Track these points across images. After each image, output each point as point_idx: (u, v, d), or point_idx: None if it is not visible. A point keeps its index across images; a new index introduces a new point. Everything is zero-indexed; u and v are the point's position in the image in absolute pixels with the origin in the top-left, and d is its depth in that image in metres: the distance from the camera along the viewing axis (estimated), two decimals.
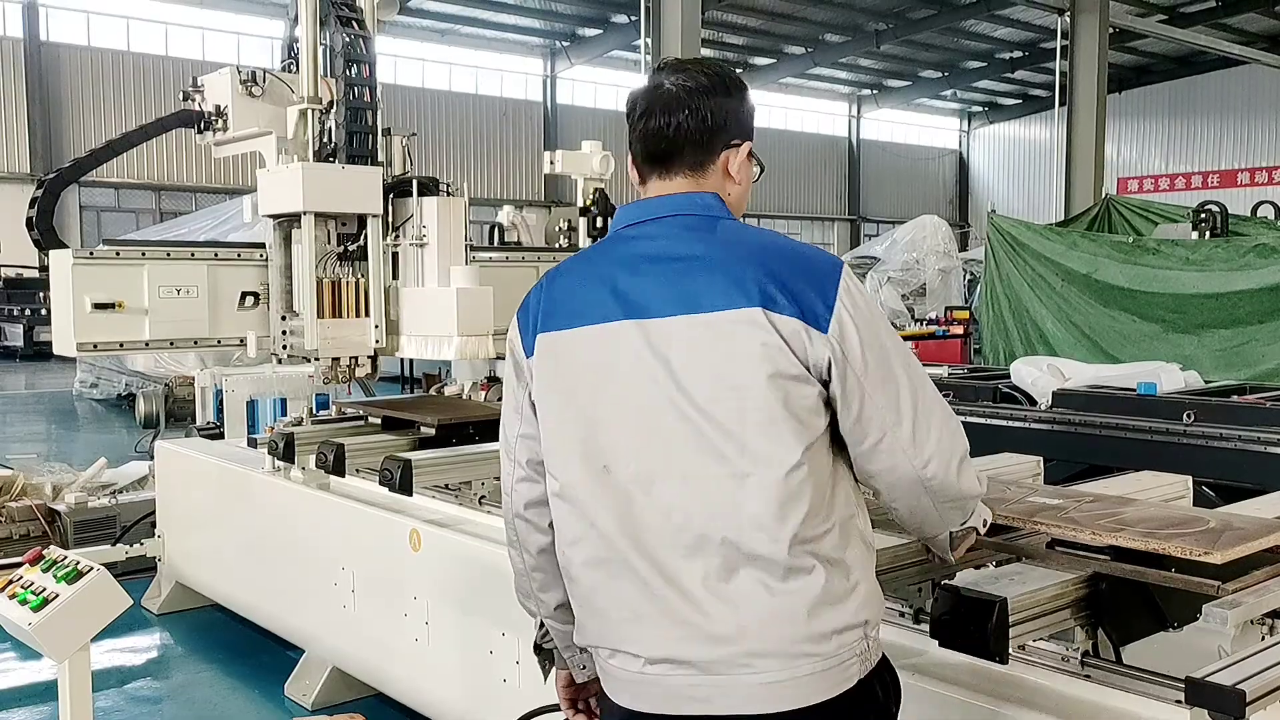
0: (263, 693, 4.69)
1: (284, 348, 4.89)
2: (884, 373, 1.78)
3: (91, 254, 4.65)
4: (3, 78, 25.26)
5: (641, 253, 1.85)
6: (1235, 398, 5.73)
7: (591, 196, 6.37)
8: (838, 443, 1.82)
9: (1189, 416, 5.30)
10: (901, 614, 2.58)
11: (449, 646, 3.80)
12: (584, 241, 6.41)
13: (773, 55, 33.13)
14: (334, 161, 4.78)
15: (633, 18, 25.08)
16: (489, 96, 31.51)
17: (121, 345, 4.78)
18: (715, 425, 1.73)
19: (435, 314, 4.72)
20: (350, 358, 4.84)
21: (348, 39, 4.78)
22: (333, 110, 4.82)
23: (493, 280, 4.81)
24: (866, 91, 38.24)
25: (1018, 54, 32.87)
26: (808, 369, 1.74)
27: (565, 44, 31.69)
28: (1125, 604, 2.38)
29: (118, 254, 4.71)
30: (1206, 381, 6.51)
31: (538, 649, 2.10)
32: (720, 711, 1.73)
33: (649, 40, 14.52)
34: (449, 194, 4.89)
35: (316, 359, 4.79)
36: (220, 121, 5.00)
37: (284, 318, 4.92)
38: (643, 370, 1.78)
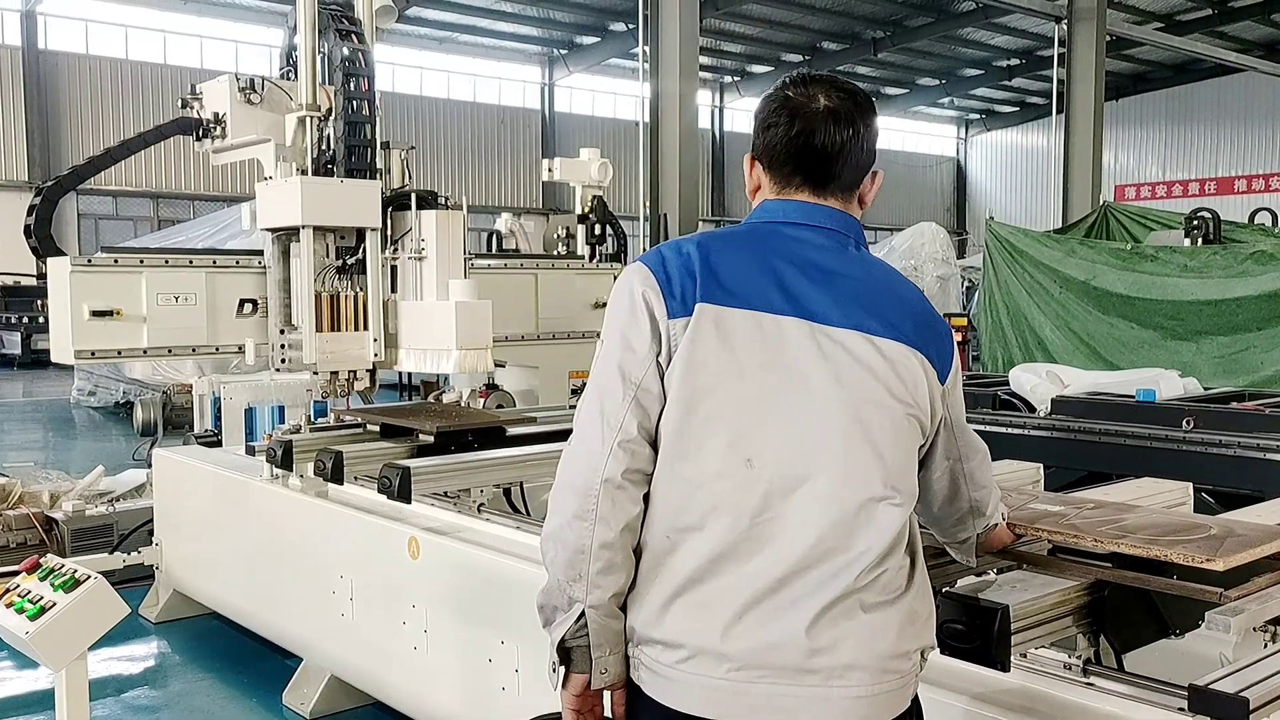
0: (261, 701, 4.67)
1: (282, 361, 4.87)
2: (963, 421, 1.99)
3: (90, 261, 4.65)
4: (1, 85, 25.27)
5: (808, 257, 1.84)
6: (1234, 404, 5.73)
7: (590, 204, 6.38)
8: None
9: (1188, 423, 5.30)
10: None
11: (448, 655, 3.78)
12: (582, 249, 6.42)
13: (770, 64, 33.18)
14: (332, 171, 4.78)
15: (630, 26, 25.13)
16: (487, 104, 31.55)
17: (120, 353, 4.78)
18: (869, 446, 1.76)
19: (434, 327, 4.70)
20: (349, 371, 4.83)
21: (346, 53, 4.78)
22: (331, 118, 4.82)
23: (491, 287, 4.81)
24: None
25: (1015, 62, 32.96)
26: (931, 416, 1.86)
27: (563, 52, 31.73)
28: (1127, 611, 2.37)
29: (116, 261, 4.71)
30: (1205, 388, 6.51)
31: (563, 646, 1.81)
32: None
33: (647, 48, 14.53)
34: (448, 207, 4.87)
35: (315, 373, 4.78)
36: (219, 129, 4.99)
37: (282, 331, 4.91)
38: (809, 371, 1.76)
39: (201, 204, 25.93)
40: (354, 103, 4.78)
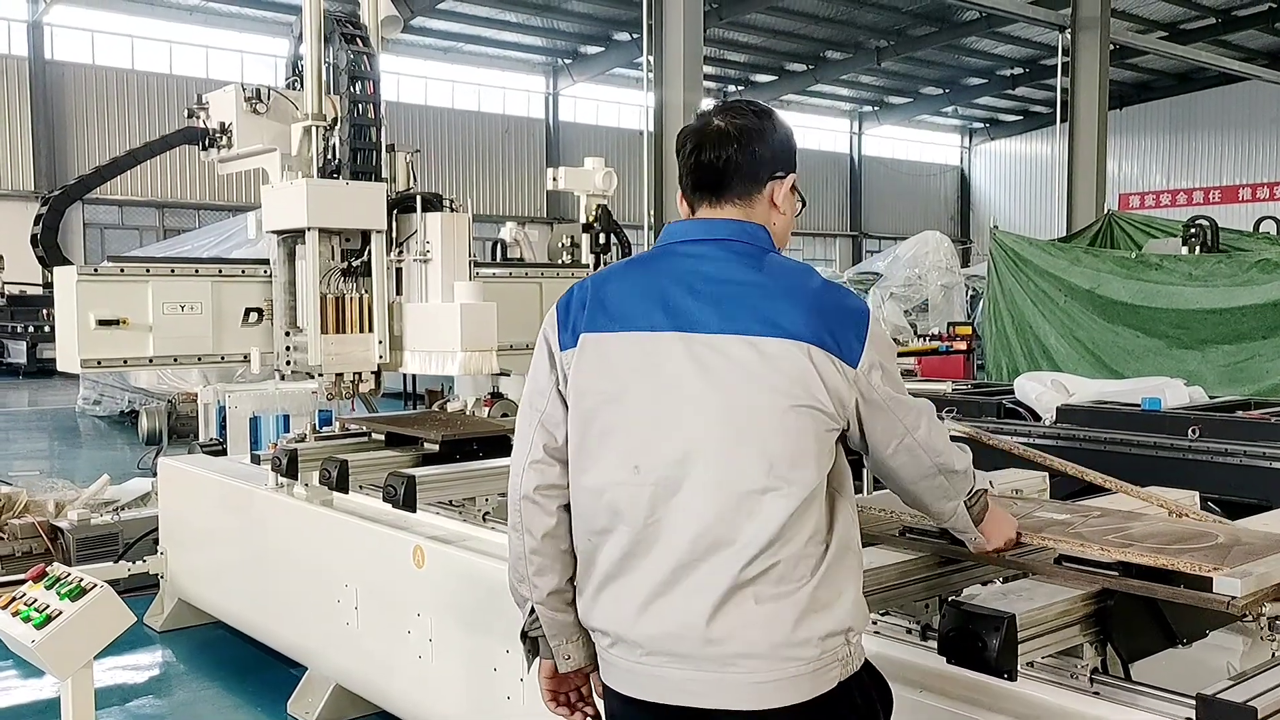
0: (265, 710, 4.67)
1: (287, 363, 4.88)
2: (898, 395, 2.00)
3: (96, 271, 4.66)
4: (8, 96, 25.37)
5: (698, 270, 1.98)
6: (1240, 413, 5.72)
7: (594, 213, 6.38)
8: (838, 469, 1.99)
9: (1194, 432, 5.29)
10: (909, 630, 2.57)
11: (452, 664, 3.78)
12: (586, 258, 6.42)
13: (774, 72, 33.24)
14: (338, 178, 4.78)
15: (635, 35, 25.21)
16: (491, 114, 31.61)
17: (125, 362, 4.78)
18: (748, 442, 1.87)
19: (439, 329, 4.71)
20: (354, 373, 4.84)
21: (352, 55, 4.79)
22: (337, 127, 4.83)
23: (496, 296, 4.80)
24: (868, 108, 38.35)
25: (1019, 71, 32.98)
26: (836, 404, 1.91)
27: (567, 61, 31.81)
28: (1133, 621, 2.37)
29: (122, 270, 4.72)
30: (1211, 397, 6.50)
31: (524, 636, 2.14)
32: (709, 706, 1.86)
33: (651, 58, 14.56)
34: (453, 210, 4.89)
35: (320, 374, 4.79)
36: (225, 139, 5.03)
37: (288, 333, 4.91)
38: (685, 380, 1.91)
39: (207, 213, 26.00)
40: (359, 106, 4.78)
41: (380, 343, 4.83)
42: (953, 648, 2.20)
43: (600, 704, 2.11)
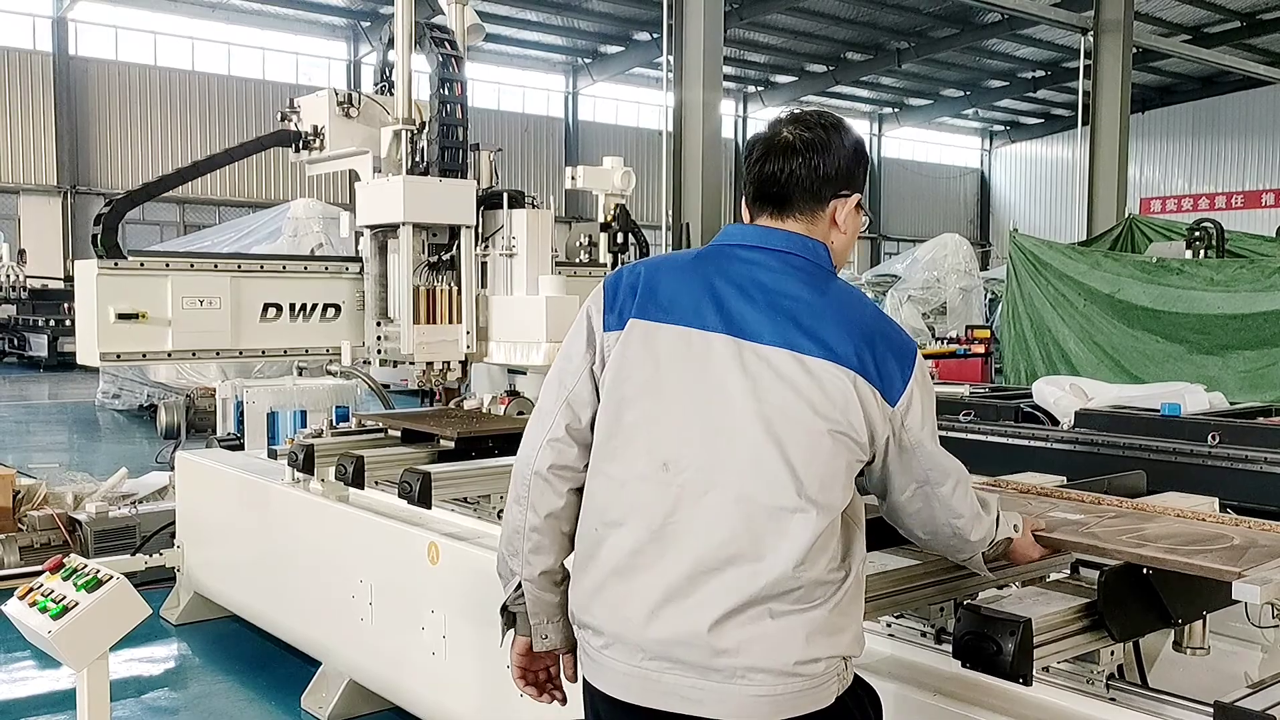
0: (279, 705, 4.68)
1: (379, 353, 5.11)
2: (929, 445, 1.98)
3: (116, 264, 4.68)
4: (32, 91, 25.58)
5: (754, 278, 1.94)
6: (1261, 419, 5.67)
7: (612, 212, 6.38)
8: (856, 502, 1.96)
9: (1214, 438, 5.24)
10: (923, 634, 2.55)
11: (466, 660, 3.78)
12: (604, 257, 6.42)
13: (794, 73, 33.18)
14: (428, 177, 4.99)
15: (655, 35, 25.20)
16: (511, 112, 31.69)
17: (144, 355, 4.81)
18: (782, 459, 1.83)
19: (524, 321, 4.93)
20: (443, 362, 5.06)
21: (441, 59, 5.02)
22: (424, 130, 5.04)
23: None
24: (888, 110, 38.24)
25: (1040, 73, 32.82)
26: (869, 438, 1.89)
27: (587, 61, 31.84)
28: (1125, 599, 2.31)
29: (142, 264, 4.74)
30: (1231, 403, 6.45)
31: (504, 610, 2.11)
32: (710, 715, 1.83)
33: (671, 58, 14.55)
34: (535, 207, 5.10)
35: (411, 363, 5.02)
36: (317, 141, 5.18)
37: (379, 324, 5.13)
38: (729, 385, 1.87)
39: (227, 209, 26.13)
40: (448, 106, 5.01)
41: (468, 333, 5.04)
42: (967, 651, 2.18)
43: (568, 689, 2.11)
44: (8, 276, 20.33)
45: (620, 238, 6.38)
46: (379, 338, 5.11)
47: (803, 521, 1.82)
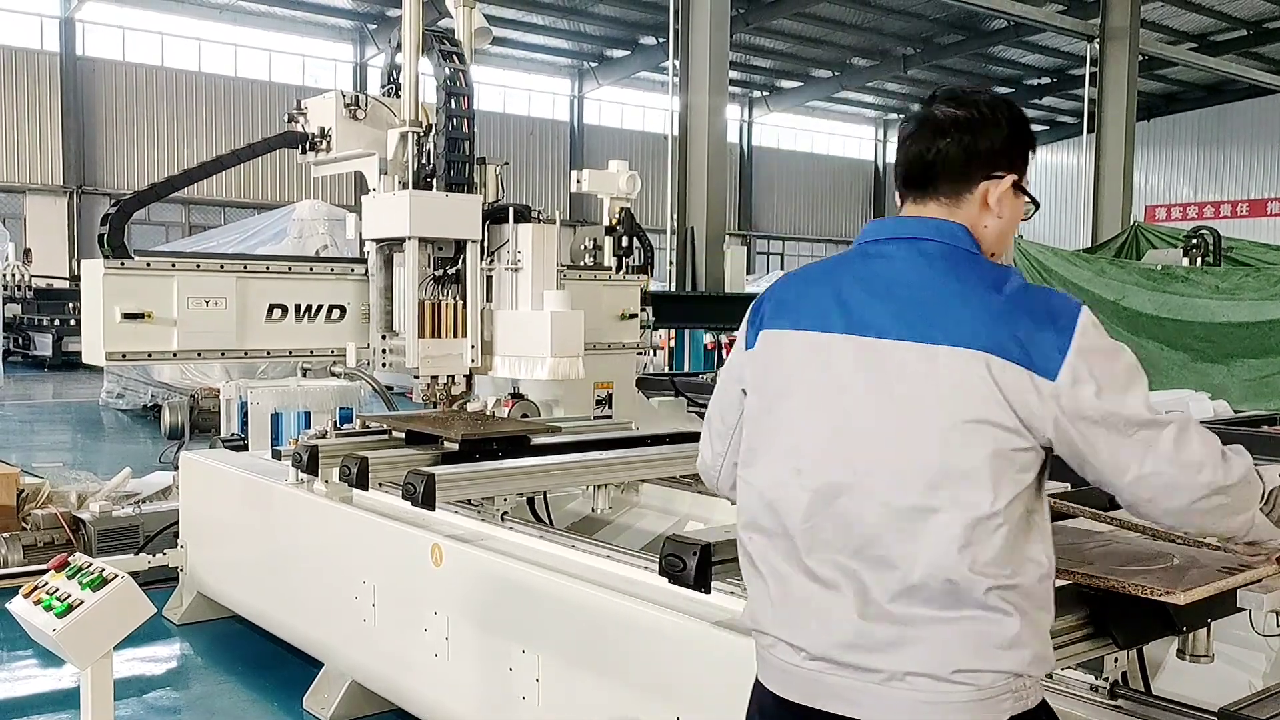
0: (281, 705, 4.69)
1: (384, 365, 5.14)
2: (1120, 410, 1.74)
3: (122, 264, 4.69)
4: (39, 91, 25.65)
5: (881, 272, 1.87)
6: (1265, 428, 5.67)
7: (617, 216, 6.38)
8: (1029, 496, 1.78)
9: None
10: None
11: (469, 662, 3.79)
12: (609, 260, 6.42)
13: (800, 79, 33.21)
14: (432, 184, 5.01)
15: (661, 40, 25.24)
16: (516, 115, 31.73)
17: (149, 355, 4.82)
18: (912, 456, 1.75)
19: (529, 336, 4.95)
20: (448, 375, 5.09)
21: (449, 72, 5.02)
22: (431, 133, 5.04)
23: None
24: (893, 115, 38.25)
25: (1046, 80, 32.83)
26: (1023, 422, 1.73)
27: (593, 65, 31.88)
28: (1130, 607, 2.29)
29: (148, 264, 4.75)
30: (1236, 411, 6.44)
31: None
32: (867, 717, 1.77)
33: (677, 62, 14.57)
34: (541, 221, 5.10)
35: (416, 376, 5.05)
36: (324, 143, 5.20)
37: (384, 336, 5.14)
38: (854, 385, 1.82)
39: (232, 210, 26.18)
40: (454, 119, 5.02)
41: (473, 347, 5.05)
42: None
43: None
44: (13, 276, 20.38)
45: (625, 241, 6.39)
46: (384, 350, 5.13)
47: (943, 521, 1.72)
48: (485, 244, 5.11)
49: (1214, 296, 9.47)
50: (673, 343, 15.12)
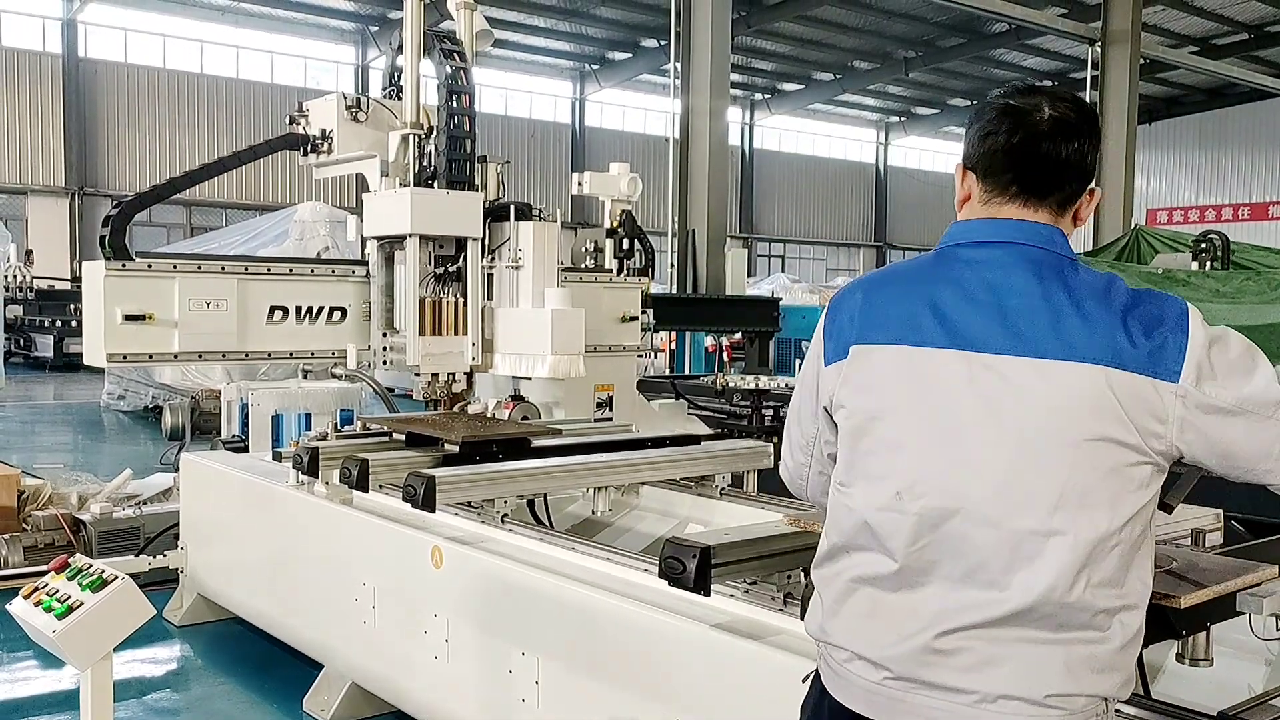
0: (281, 707, 4.69)
1: (385, 363, 5.15)
2: (1250, 393, 1.69)
3: (124, 266, 4.69)
4: (41, 93, 25.67)
5: (982, 278, 1.77)
6: None
7: (619, 218, 6.39)
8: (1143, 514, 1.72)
9: None
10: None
11: (468, 664, 3.79)
12: (610, 262, 6.43)
13: (801, 81, 33.22)
14: (434, 185, 5.01)
15: (662, 42, 25.24)
16: (518, 118, 31.76)
17: (150, 357, 4.83)
18: (1028, 478, 1.67)
19: (530, 334, 4.96)
20: (448, 374, 5.10)
21: (450, 71, 5.03)
22: (433, 135, 5.06)
23: None
24: (894, 119, 38.28)
25: (1048, 83, 32.57)
26: (1147, 434, 1.67)
27: (595, 67, 31.90)
28: None
29: (150, 266, 4.75)
30: None
31: None
32: None
33: (678, 65, 14.58)
34: (542, 219, 5.12)
35: (417, 374, 5.05)
36: (325, 145, 5.21)
37: (384, 334, 5.15)
38: (960, 403, 1.72)
39: (233, 212, 26.21)
40: (455, 118, 5.03)
41: (473, 345, 5.07)
42: None
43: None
44: (15, 277, 20.38)
45: (626, 244, 6.40)
46: (385, 348, 5.14)
47: (1058, 544, 1.65)
48: (486, 242, 5.12)
49: (1215, 300, 9.45)
50: (674, 345, 15.12)
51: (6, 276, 19.80)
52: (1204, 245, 10.49)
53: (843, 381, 1.84)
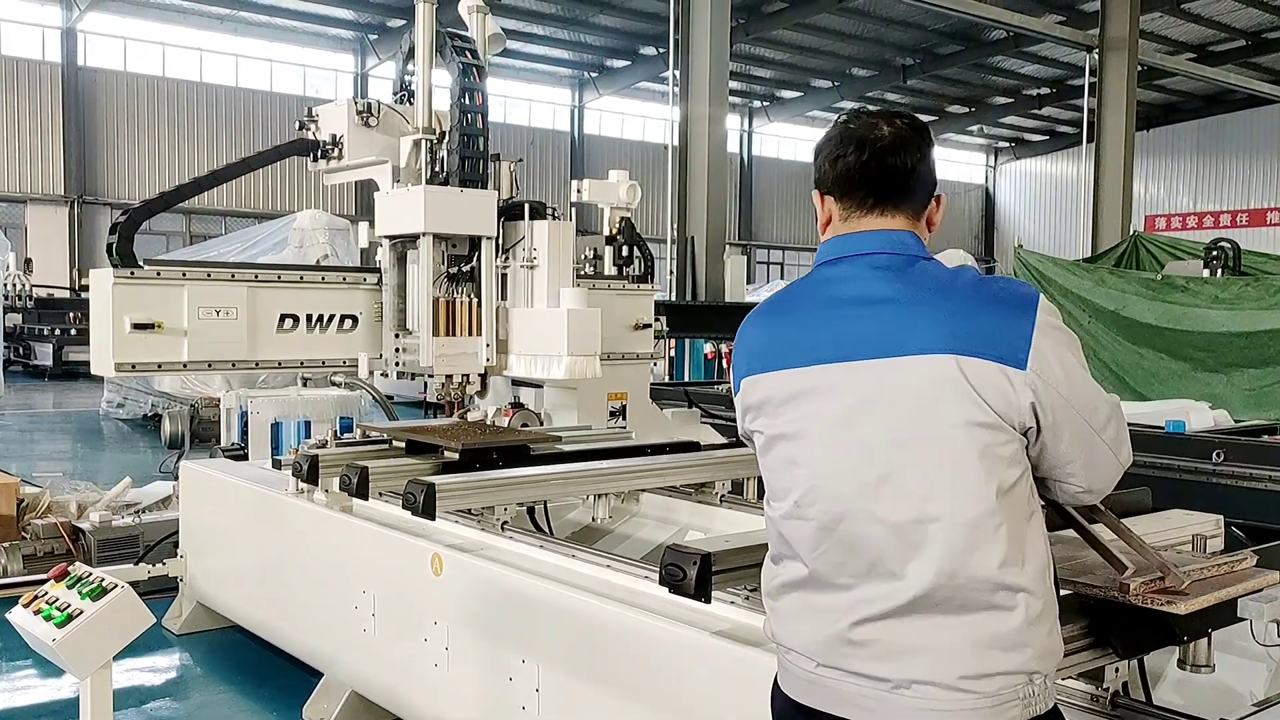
0: (281, 715, 4.68)
1: (397, 365, 5.07)
2: (1081, 387, 1.81)
3: (132, 274, 4.67)
4: (41, 101, 25.69)
5: (838, 294, 1.92)
6: (1265, 437, 5.67)
7: (617, 225, 6.39)
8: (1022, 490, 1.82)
9: (1218, 456, 5.24)
10: None
11: (468, 672, 3.78)
12: (609, 269, 6.44)
13: (800, 89, 33.27)
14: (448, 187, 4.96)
15: (661, 50, 25.26)
16: (517, 125, 31.77)
17: (159, 366, 4.78)
18: (903, 471, 1.79)
19: (545, 334, 4.89)
20: (462, 374, 5.03)
21: (462, 68, 4.99)
22: (444, 140, 5.01)
23: None
24: None
25: (1045, 90, 32.89)
26: (1002, 416, 1.76)
27: (593, 75, 31.95)
28: (1130, 615, 2.28)
29: (158, 274, 4.73)
30: (1236, 421, 6.44)
31: None
32: None
33: (677, 73, 14.60)
34: (556, 218, 5.04)
35: (430, 375, 4.98)
36: (336, 150, 5.16)
37: (397, 335, 5.08)
38: (836, 411, 1.85)
39: (232, 220, 26.21)
40: (469, 116, 4.98)
41: (488, 346, 5.01)
42: None
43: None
44: (14, 285, 20.37)
45: (625, 251, 6.40)
46: (397, 349, 5.05)
47: (938, 530, 1.76)
48: (500, 241, 5.05)
49: (1214, 306, 9.46)
50: (673, 353, 15.12)
51: (6, 285, 19.81)
52: (1215, 253, 10.50)
53: (744, 410, 2.02)
